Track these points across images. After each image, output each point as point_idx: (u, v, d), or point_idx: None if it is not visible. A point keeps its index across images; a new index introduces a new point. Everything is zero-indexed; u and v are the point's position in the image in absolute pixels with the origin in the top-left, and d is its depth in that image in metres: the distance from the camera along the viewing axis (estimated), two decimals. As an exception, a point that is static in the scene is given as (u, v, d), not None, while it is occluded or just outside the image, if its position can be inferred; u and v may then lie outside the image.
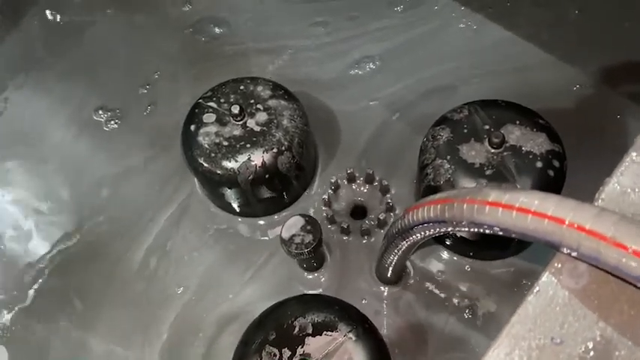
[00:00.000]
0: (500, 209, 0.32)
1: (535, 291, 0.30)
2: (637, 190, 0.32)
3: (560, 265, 0.31)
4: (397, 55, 0.72)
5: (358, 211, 0.64)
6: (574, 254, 0.30)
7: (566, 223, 0.29)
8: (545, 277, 0.31)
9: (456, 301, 0.57)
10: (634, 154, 0.33)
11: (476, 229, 0.35)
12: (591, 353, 0.29)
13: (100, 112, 0.73)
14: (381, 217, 0.61)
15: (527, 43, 0.70)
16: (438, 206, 0.37)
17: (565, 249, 0.30)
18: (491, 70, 0.69)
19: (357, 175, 0.64)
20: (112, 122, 0.72)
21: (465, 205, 0.34)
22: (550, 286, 0.30)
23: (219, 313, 0.60)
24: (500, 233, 0.33)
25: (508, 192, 0.32)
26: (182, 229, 0.64)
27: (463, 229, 0.36)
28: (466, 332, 0.56)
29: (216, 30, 0.78)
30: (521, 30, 0.71)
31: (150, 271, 0.62)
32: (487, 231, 0.34)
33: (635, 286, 0.29)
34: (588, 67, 0.68)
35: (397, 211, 0.62)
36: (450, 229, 0.38)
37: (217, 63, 0.75)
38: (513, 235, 0.32)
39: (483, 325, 0.56)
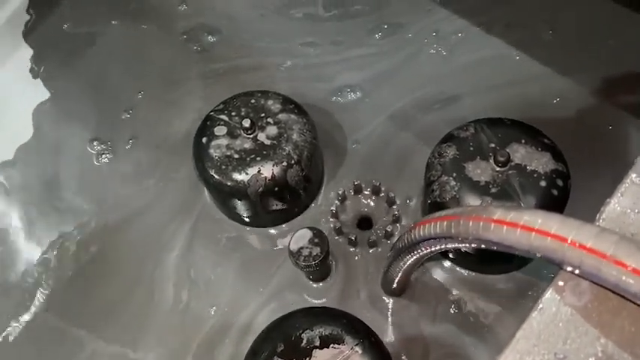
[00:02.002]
0: (505, 227, 0.33)
1: (539, 307, 0.32)
2: (637, 210, 0.33)
3: (563, 283, 0.32)
4: (390, 75, 0.74)
5: (365, 222, 0.65)
6: (576, 272, 0.31)
7: (569, 241, 0.30)
8: (549, 294, 0.32)
9: (458, 313, 0.58)
10: (634, 175, 0.34)
11: (481, 246, 0.36)
12: (593, 368, 0.30)
13: (95, 143, 0.72)
14: (388, 229, 0.62)
15: (500, 64, 0.72)
16: (445, 222, 0.38)
17: (567, 266, 0.31)
18: (468, 91, 0.71)
19: (363, 186, 0.65)
20: (104, 156, 0.72)
21: (470, 222, 0.35)
22: (553, 303, 0.31)
23: (241, 322, 0.60)
24: (505, 250, 0.34)
25: (512, 210, 0.33)
26: (197, 251, 0.64)
27: (469, 245, 0.37)
28: (469, 344, 0.57)
29: (209, 38, 0.79)
30: (493, 52, 0.73)
31: (183, 305, 0.62)
32: (492, 247, 0.35)
33: (635, 303, 0.30)
34: (569, 82, 0.70)
35: (403, 223, 0.63)
36: (455, 245, 0.39)
37: (207, 81, 0.76)
38: (517, 252, 0.33)
39: (486, 337, 0.57)
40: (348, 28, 0.78)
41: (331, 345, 0.47)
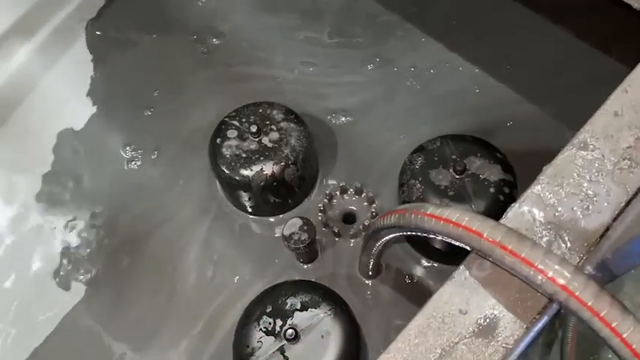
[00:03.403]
0: (433, 219, 0.44)
1: (452, 278, 0.43)
2: (533, 212, 0.45)
3: (472, 261, 0.44)
4: (376, 102, 0.85)
5: (349, 218, 0.77)
6: (480, 254, 0.43)
7: (474, 231, 0.41)
8: (461, 268, 0.44)
9: (421, 295, 0.70)
10: (536, 187, 0.46)
11: (420, 233, 0.48)
12: (485, 321, 0.41)
13: (128, 148, 0.84)
14: (366, 223, 0.74)
15: (463, 96, 0.84)
16: (397, 215, 0.50)
17: (473, 249, 0.43)
18: (435, 118, 0.82)
19: (348, 187, 0.77)
20: (134, 162, 0.83)
21: (412, 215, 0.47)
22: (463, 275, 0.43)
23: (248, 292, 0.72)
24: (437, 236, 0.46)
25: (440, 208, 0.45)
26: (216, 240, 0.77)
27: (413, 232, 0.49)
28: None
29: (215, 41, 0.91)
30: (458, 85, 0.85)
31: (207, 280, 0.74)
32: (427, 234, 0.47)
33: (518, 277, 0.41)
34: (521, 109, 0.81)
35: (381, 219, 0.75)
36: (405, 232, 0.51)
37: (212, 87, 0.87)
38: (443, 238, 0.45)
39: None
40: (346, 56, 0.89)
41: (309, 309, 0.59)
